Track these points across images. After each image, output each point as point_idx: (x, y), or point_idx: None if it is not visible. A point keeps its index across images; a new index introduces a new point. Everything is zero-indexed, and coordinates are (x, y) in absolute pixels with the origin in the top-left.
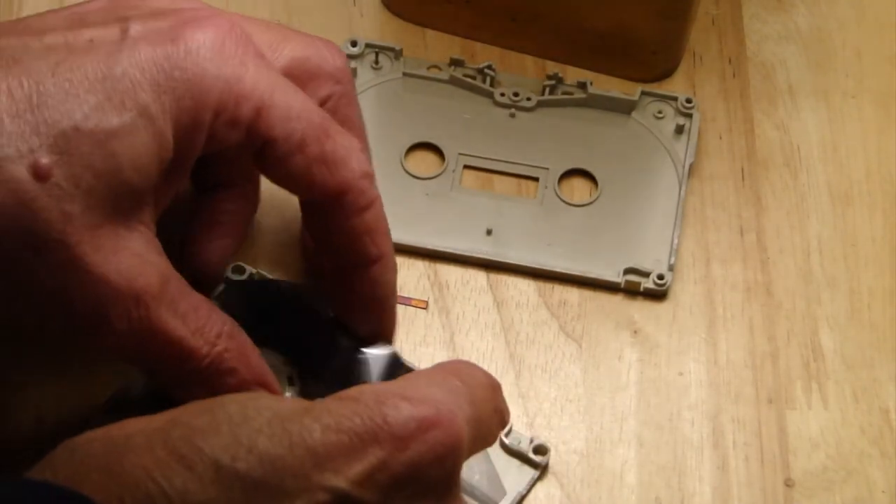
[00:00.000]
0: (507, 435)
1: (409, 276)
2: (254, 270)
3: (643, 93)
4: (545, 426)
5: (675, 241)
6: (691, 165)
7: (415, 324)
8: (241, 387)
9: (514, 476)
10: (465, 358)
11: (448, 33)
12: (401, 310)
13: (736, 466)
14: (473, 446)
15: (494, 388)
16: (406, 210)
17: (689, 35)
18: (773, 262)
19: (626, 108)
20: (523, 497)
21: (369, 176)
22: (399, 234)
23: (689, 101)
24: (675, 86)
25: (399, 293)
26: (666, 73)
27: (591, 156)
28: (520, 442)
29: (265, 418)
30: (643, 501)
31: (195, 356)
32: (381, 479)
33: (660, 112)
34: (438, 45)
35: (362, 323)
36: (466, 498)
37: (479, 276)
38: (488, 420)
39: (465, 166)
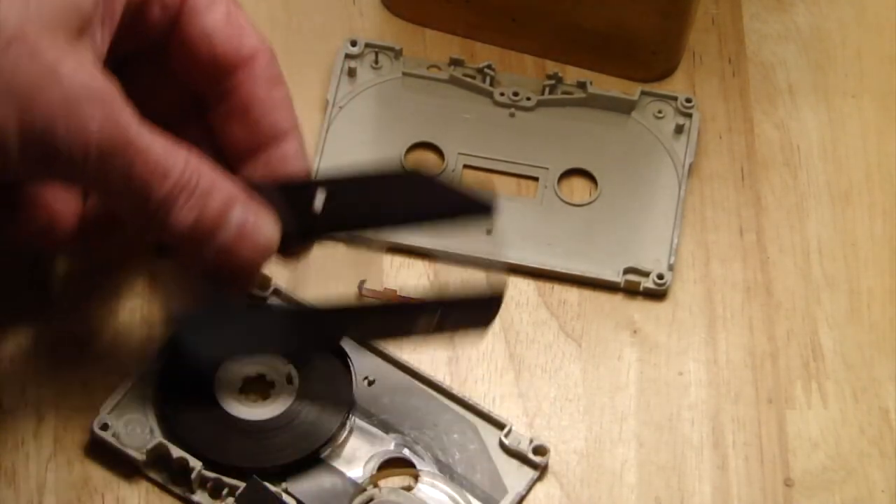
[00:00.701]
0: (506, 435)
1: (409, 276)
2: None
3: (643, 92)
4: (545, 426)
5: (675, 240)
6: (691, 165)
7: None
8: (228, 206)
9: (513, 476)
10: (465, 357)
11: (448, 33)
12: None
13: (736, 466)
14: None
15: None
16: None
17: (688, 35)
18: (773, 261)
19: (625, 107)
20: (523, 498)
21: (274, 53)
22: (399, 234)
23: (688, 100)
24: (675, 85)
25: (399, 293)
26: (666, 73)
27: (591, 156)
28: (519, 442)
29: None
30: (643, 501)
31: (172, 170)
32: None
33: (660, 112)
34: (438, 45)
35: None
36: (468, 497)
37: (478, 276)
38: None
39: (465, 166)
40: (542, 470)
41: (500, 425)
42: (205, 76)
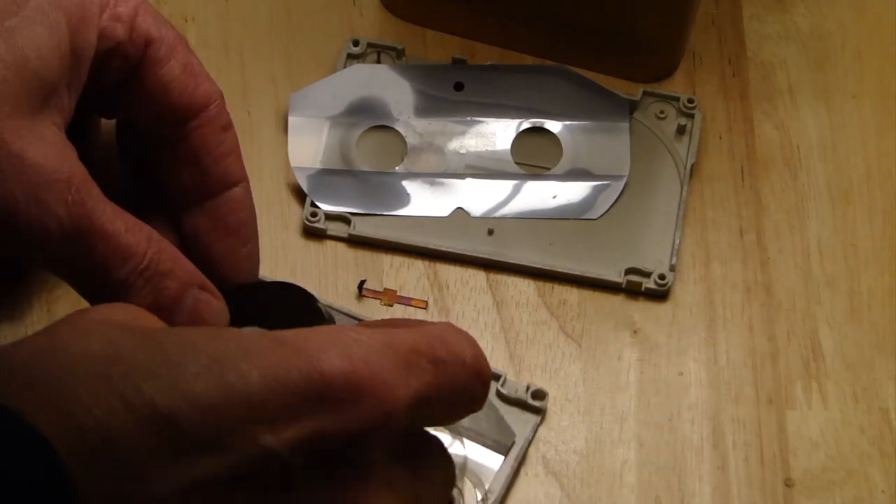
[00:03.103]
0: (502, 385)
1: (409, 276)
2: None
3: (645, 93)
4: (545, 426)
5: (677, 241)
6: (693, 166)
7: None
8: (182, 291)
9: (516, 424)
10: None
11: (448, 33)
12: (401, 310)
13: (736, 466)
14: (422, 421)
15: (476, 373)
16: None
17: (689, 35)
18: (773, 262)
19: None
20: (529, 442)
21: (224, 98)
22: (399, 234)
23: (690, 101)
24: (675, 86)
25: (399, 293)
26: (666, 73)
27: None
28: (516, 390)
29: (203, 364)
30: (643, 501)
31: (133, 254)
32: (312, 445)
33: (662, 112)
34: (438, 45)
35: (230, 254)
36: (477, 448)
37: (478, 276)
38: (448, 403)
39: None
40: (543, 414)
41: (494, 377)
42: (159, 122)
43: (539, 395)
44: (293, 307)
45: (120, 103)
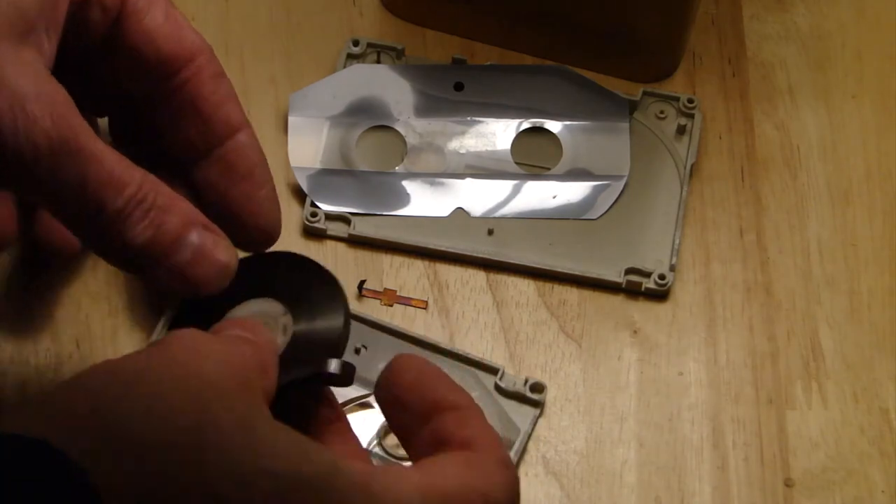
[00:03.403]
0: (500, 378)
1: (409, 276)
2: None
3: (645, 93)
4: (545, 426)
5: (677, 241)
6: (693, 166)
7: (415, 324)
8: (184, 229)
9: (515, 417)
10: (464, 358)
11: (448, 33)
12: (400, 310)
13: (736, 466)
14: None
15: None
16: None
17: (689, 35)
18: (773, 262)
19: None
20: (529, 435)
21: (213, 51)
22: (399, 234)
23: (690, 101)
24: (675, 86)
25: (399, 293)
26: (666, 73)
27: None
28: (514, 383)
29: (286, 485)
30: (643, 501)
31: (128, 183)
32: None
33: (661, 112)
34: (438, 45)
35: (248, 198)
36: None
37: (478, 276)
38: None
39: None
40: (542, 407)
41: (493, 370)
42: (150, 77)
43: (537, 388)
44: (305, 280)
45: (105, 68)
